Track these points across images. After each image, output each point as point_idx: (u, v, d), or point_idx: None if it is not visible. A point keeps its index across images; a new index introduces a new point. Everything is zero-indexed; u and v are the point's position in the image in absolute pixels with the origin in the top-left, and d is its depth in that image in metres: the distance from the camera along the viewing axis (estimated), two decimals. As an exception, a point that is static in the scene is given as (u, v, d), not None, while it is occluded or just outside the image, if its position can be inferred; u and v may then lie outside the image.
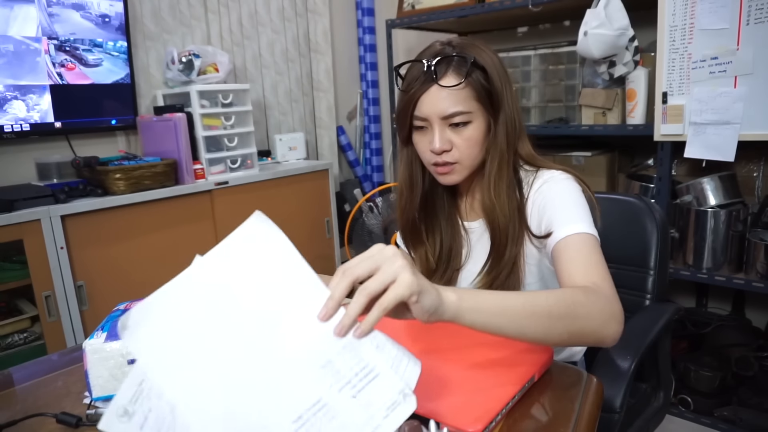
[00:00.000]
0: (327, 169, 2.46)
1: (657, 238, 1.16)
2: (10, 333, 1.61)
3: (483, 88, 0.87)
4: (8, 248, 1.56)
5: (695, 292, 2.14)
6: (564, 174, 0.92)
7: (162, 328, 0.54)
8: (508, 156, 0.91)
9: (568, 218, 0.84)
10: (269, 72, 2.55)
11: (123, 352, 0.70)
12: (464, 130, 0.88)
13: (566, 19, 2.32)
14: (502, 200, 0.90)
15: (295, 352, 0.53)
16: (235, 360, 0.52)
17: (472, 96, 0.86)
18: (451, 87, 0.85)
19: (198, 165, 2.00)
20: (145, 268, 1.83)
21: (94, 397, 0.71)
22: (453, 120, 0.86)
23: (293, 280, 0.56)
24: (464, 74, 0.85)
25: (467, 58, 0.85)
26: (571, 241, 0.82)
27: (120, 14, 1.95)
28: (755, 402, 1.74)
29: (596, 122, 1.94)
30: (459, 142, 0.88)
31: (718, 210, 1.73)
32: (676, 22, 1.63)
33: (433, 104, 0.86)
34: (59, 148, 1.92)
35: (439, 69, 0.85)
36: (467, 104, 0.86)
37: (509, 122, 0.90)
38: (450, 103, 0.85)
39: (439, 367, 0.72)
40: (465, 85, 0.85)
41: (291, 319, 0.54)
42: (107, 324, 0.76)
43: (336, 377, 0.52)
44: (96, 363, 0.70)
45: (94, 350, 0.70)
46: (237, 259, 0.58)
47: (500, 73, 0.88)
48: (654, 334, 1.01)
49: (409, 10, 2.40)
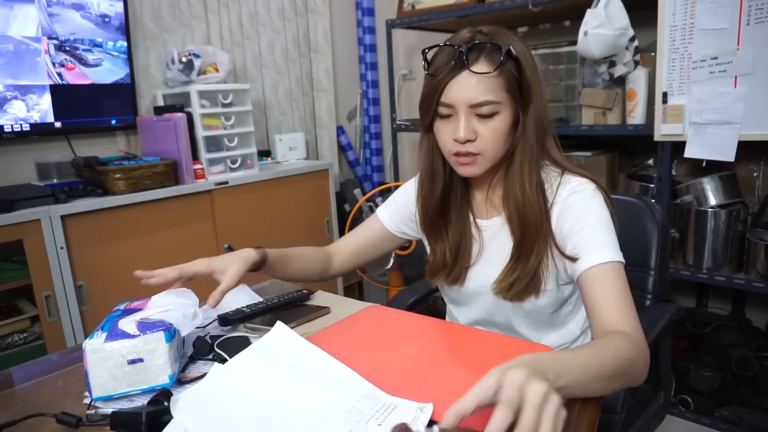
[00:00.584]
0: (327, 169, 2.46)
1: (657, 238, 1.16)
2: (10, 333, 1.61)
3: (515, 79, 0.84)
4: (8, 248, 1.56)
5: (695, 292, 2.14)
6: (591, 185, 0.89)
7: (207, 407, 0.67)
8: (537, 152, 0.88)
9: (597, 244, 0.83)
10: (269, 72, 2.55)
11: (123, 352, 0.71)
12: (491, 121, 0.84)
13: (566, 19, 2.32)
14: (533, 197, 0.87)
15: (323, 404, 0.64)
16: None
17: (502, 86, 0.83)
18: (483, 74, 0.81)
19: (198, 165, 2.00)
20: (145, 268, 1.80)
21: (94, 397, 0.71)
22: (481, 110, 0.83)
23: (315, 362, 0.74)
24: (497, 62, 0.81)
25: (502, 46, 0.82)
26: (601, 272, 0.81)
27: (120, 14, 1.95)
28: (755, 402, 1.73)
29: (596, 122, 1.94)
30: (485, 132, 0.85)
31: (718, 210, 1.73)
32: (676, 22, 1.63)
33: (463, 91, 0.82)
34: (59, 148, 1.92)
35: (471, 55, 0.82)
36: (497, 94, 0.83)
37: (539, 117, 0.87)
38: (480, 90, 0.82)
39: (439, 368, 0.72)
40: (498, 74, 0.82)
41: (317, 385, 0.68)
42: (107, 324, 0.75)
43: (360, 416, 0.61)
44: (96, 363, 0.70)
45: (94, 350, 0.70)
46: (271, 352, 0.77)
47: (532, 66, 0.85)
48: (655, 334, 1.01)
49: (409, 10, 2.40)
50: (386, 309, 0.96)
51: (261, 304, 1.02)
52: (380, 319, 0.91)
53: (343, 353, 0.76)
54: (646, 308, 1.17)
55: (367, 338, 0.83)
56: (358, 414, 0.62)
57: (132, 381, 0.72)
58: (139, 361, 0.71)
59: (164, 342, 0.73)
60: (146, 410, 0.63)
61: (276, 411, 0.64)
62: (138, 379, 0.72)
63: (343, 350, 0.76)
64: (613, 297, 0.79)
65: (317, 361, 0.73)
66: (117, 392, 0.71)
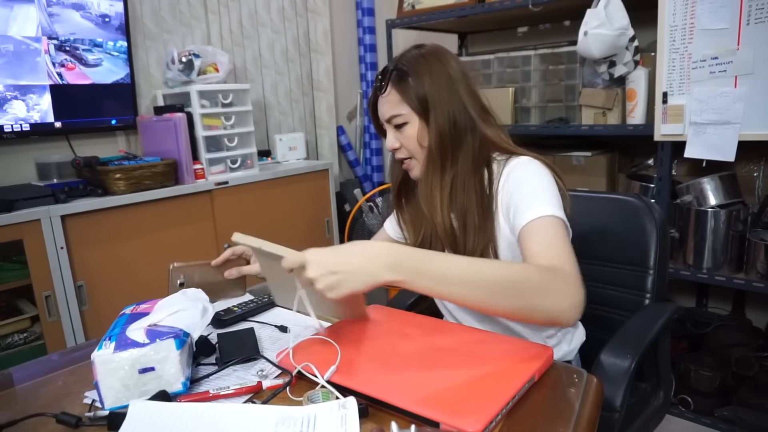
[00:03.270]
0: (327, 169, 2.46)
1: (656, 237, 1.16)
2: (10, 333, 1.61)
3: (413, 93, 0.95)
4: (8, 248, 1.56)
5: (695, 292, 2.14)
6: (529, 159, 0.96)
7: None
8: (439, 157, 0.96)
9: (531, 202, 0.88)
10: (269, 72, 2.55)
11: (133, 361, 0.69)
12: (404, 130, 0.98)
13: (566, 19, 2.32)
14: (434, 204, 0.97)
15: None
16: None
17: (403, 101, 0.96)
18: (386, 96, 0.98)
19: (198, 165, 2.00)
20: (145, 268, 1.83)
21: (106, 408, 0.70)
22: (394, 122, 0.98)
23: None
24: (395, 83, 0.97)
25: (398, 69, 0.96)
26: (534, 225, 0.84)
27: (120, 14, 1.95)
28: (755, 402, 1.73)
29: (596, 122, 1.94)
30: (402, 139, 0.99)
31: (718, 210, 1.73)
32: (676, 22, 1.63)
33: (380, 110, 1.01)
34: (59, 148, 1.92)
35: (383, 81, 0.99)
36: (399, 108, 0.97)
37: (446, 122, 0.95)
38: (388, 108, 0.98)
39: (439, 368, 0.72)
40: (395, 93, 0.97)
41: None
42: (114, 333, 0.74)
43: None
44: (106, 374, 0.69)
45: (103, 361, 0.69)
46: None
47: (433, 79, 0.95)
48: (654, 333, 1.01)
49: (409, 10, 2.40)
50: (386, 309, 0.96)
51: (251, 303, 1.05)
52: (380, 319, 0.91)
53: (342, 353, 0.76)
54: (645, 307, 1.16)
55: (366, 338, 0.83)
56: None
57: (144, 390, 0.70)
58: (151, 370, 0.70)
59: (175, 349, 0.71)
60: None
61: None
62: (150, 388, 0.70)
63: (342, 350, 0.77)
64: (543, 245, 0.82)
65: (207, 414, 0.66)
66: (129, 402, 0.68)
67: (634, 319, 1.07)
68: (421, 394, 0.66)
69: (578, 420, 0.64)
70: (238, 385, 0.73)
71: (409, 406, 0.64)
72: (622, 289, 1.17)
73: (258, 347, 0.85)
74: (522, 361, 0.73)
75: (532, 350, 0.76)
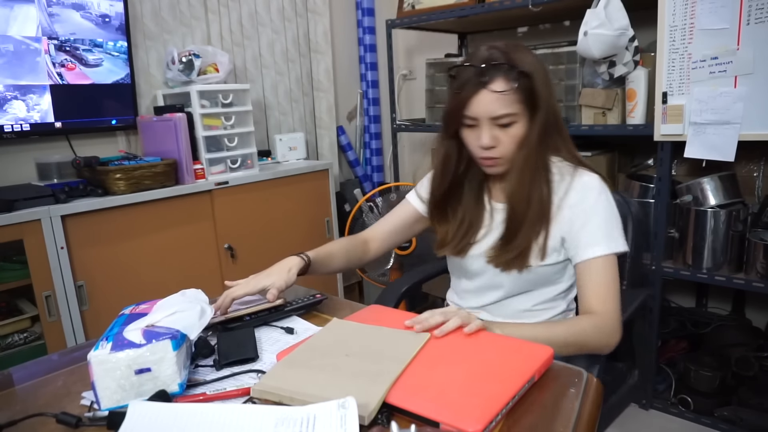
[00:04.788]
0: (327, 169, 2.46)
1: (632, 229, 1.26)
2: (10, 333, 1.61)
3: (528, 93, 0.96)
4: (8, 248, 1.56)
5: (695, 292, 2.14)
6: (600, 183, 1.02)
7: None
8: (538, 150, 0.99)
9: (600, 237, 0.98)
10: (269, 72, 2.55)
11: (129, 362, 0.69)
12: (509, 129, 0.98)
13: (566, 19, 2.32)
14: (524, 189, 1.00)
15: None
16: None
17: (517, 99, 0.96)
18: (500, 92, 0.94)
19: (198, 165, 2.00)
20: (145, 268, 1.83)
21: (102, 408, 0.70)
22: (500, 121, 0.97)
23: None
24: (512, 80, 0.94)
25: (516, 66, 0.94)
26: (597, 264, 0.97)
27: (120, 14, 1.95)
28: (755, 402, 1.74)
29: (596, 122, 1.94)
30: (505, 139, 0.98)
31: (718, 210, 1.73)
32: (676, 22, 1.63)
33: (483, 106, 0.96)
34: (59, 148, 1.92)
35: (489, 74, 0.94)
36: (513, 107, 0.96)
37: (547, 120, 0.99)
38: (498, 105, 0.95)
39: (440, 368, 0.72)
40: (513, 92, 0.95)
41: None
42: (111, 333, 0.74)
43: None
44: (102, 375, 0.69)
45: (99, 361, 0.69)
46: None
47: (542, 77, 0.98)
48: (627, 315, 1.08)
49: (409, 10, 2.40)
50: (386, 309, 0.96)
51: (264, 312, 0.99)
52: (379, 319, 0.91)
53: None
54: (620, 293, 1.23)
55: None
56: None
57: (140, 391, 0.70)
58: (147, 371, 0.70)
59: (171, 350, 0.71)
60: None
61: None
62: (146, 389, 0.70)
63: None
64: (597, 286, 0.97)
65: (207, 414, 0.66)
66: (125, 403, 0.69)
67: None
68: (421, 394, 0.66)
69: (578, 420, 0.64)
70: (235, 386, 0.73)
71: (409, 406, 0.64)
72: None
73: (257, 348, 0.85)
74: (522, 361, 0.73)
75: (532, 350, 0.76)
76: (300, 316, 1.00)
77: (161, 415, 0.65)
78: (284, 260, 1.06)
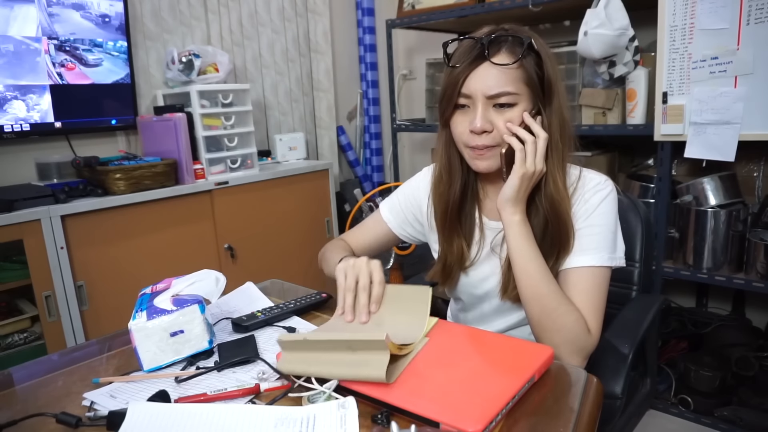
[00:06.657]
0: (327, 169, 2.46)
1: (642, 232, 1.21)
2: (10, 333, 1.61)
3: (535, 73, 0.84)
4: (8, 248, 1.56)
5: (695, 292, 2.14)
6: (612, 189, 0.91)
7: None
8: (563, 148, 0.88)
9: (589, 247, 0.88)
10: (269, 72, 2.55)
11: (164, 326, 0.80)
12: (507, 112, 0.84)
13: (566, 19, 2.32)
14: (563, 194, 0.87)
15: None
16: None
17: (522, 78, 0.83)
18: (503, 65, 0.82)
19: (198, 165, 2.00)
20: (145, 268, 1.83)
21: (145, 369, 0.80)
22: (498, 100, 0.83)
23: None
24: (518, 54, 0.82)
25: (523, 39, 0.82)
26: (585, 273, 0.87)
27: (120, 14, 1.95)
28: (755, 402, 1.74)
29: (596, 122, 1.94)
30: (500, 123, 0.84)
31: (718, 210, 1.73)
32: (676, 22, 1.63)
33: (481, 81, 0.82)
34: (59, 148, 1.92)
35: (491, 47, 0.82)
36: (516, 86, 0.83)
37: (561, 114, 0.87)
38: (498, 81, 0.82)
39: (440, 368, 0.72)
40: (518, 66, 0.82)
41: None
42: (143, 305, 0.84)
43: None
44: (143, 340, 0.79)
45: (139, 329, 0.79)
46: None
47: (553, 62, 0.85)
48: (647, 323, 1.06)
49: (409, 10, 2.40)
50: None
51: (276, 308, 1.00)
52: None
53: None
54: (633, 299, 1.20)
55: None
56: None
57: (176, 350, 0.81)
58: (180, 333, 0.81)
59: (199, 313, 0.82)
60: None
61: None
62: (181, 348, 0.81)
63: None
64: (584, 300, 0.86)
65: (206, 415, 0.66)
66: (165, 362, 0.81)
67: (626, 311, 1.11)
68: (421, 394, 0.66)
69: (578, 420, 0.64)
70: (236, 387, 0.73)
71: (409, 406, 0.64)
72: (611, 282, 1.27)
73: (257, 350, 0.85)
74: (522, 361, 0.73)
75: (532, 350, 0.76)
76: (300, 316, 1.00)
77: (161, 416, 0.65)
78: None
